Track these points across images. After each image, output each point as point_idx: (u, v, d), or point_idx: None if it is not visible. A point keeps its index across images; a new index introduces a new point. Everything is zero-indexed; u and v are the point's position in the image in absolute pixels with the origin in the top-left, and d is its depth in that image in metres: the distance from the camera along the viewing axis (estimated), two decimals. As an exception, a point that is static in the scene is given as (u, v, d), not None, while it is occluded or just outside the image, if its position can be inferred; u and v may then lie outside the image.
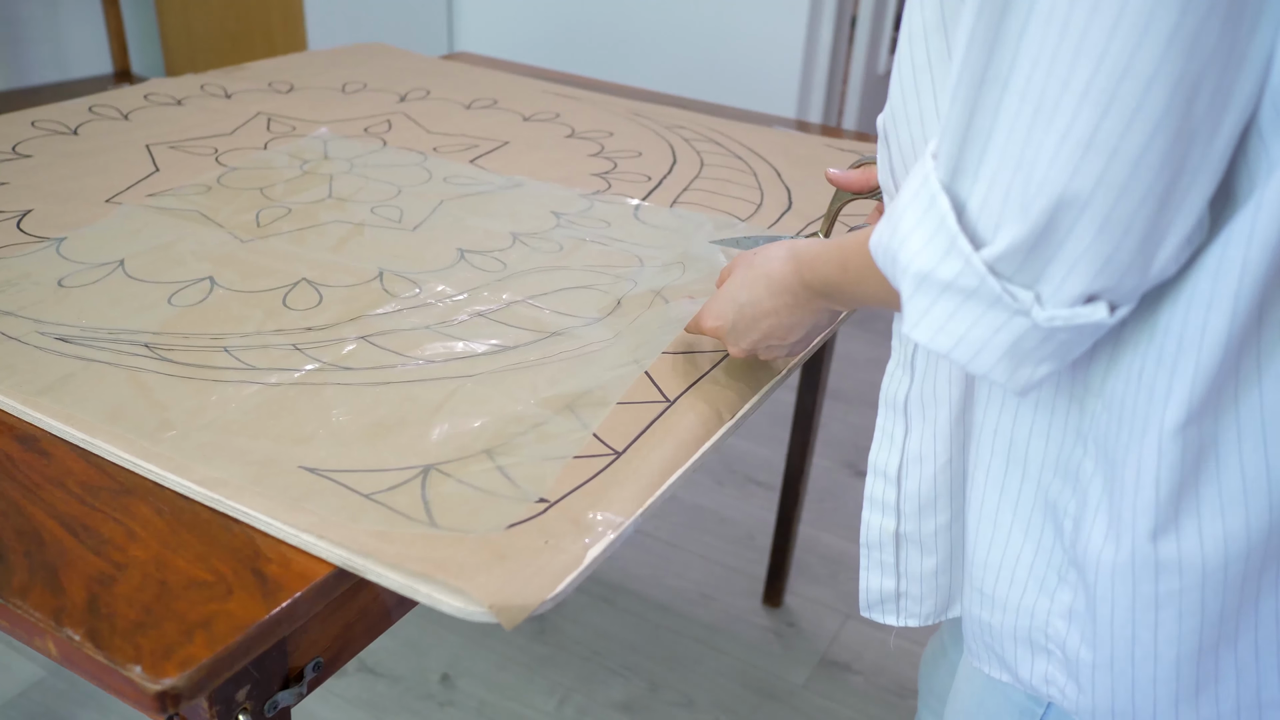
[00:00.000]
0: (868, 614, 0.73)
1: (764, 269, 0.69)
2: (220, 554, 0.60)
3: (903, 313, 0.52)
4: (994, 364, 0.49)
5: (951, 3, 0.55)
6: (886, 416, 0.69)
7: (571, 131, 1.31)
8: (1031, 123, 0.44)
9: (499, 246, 0.97)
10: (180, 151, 1.16)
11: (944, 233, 0.48)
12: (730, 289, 0.72)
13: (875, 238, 0.53)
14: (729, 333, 0.73)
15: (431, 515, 0.62)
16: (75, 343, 0.77)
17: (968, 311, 0.48)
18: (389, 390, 0.74)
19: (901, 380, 0.67)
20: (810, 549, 1.83)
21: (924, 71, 0.58)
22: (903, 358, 0.67)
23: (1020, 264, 0.46)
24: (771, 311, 0.69)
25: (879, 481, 0.70)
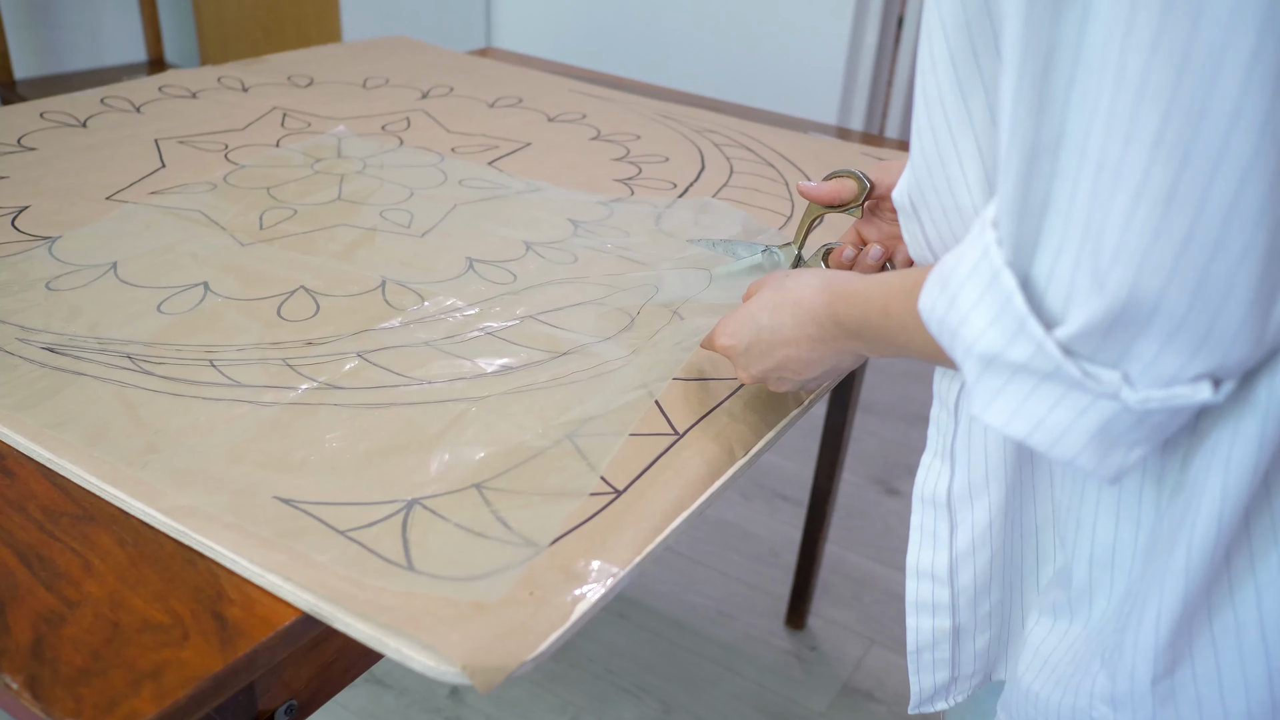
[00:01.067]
0: (919, 710, 0.67)
1: (793, 294, 0.64)
2: (180, 593, 0.56)
3: (969, 393, 0.46)
4: (1079, 450, 0.44)
5: (967, 68, 0.49)
6: (926, 515, 0.62)
7: (597, 134, 1.26)
8: (1094, 185, 0.39)
9: (511, 256, 0.93)
10: (189, 147, 1.12)
11: (1011, 314, 0.43)
12: (752, 309, 0.67)
13: (926, 302, 0.48)
14: (741, 354, 0.68)
15: (410, 558, 0.57)
16: (58, 352, 0.73)
17: (1046, 394, 0.43)
18: (385, 414, 0.69)
19: (941, 473, 0.61)
20: (836, 569, 1.77)
21: (945, 135, 0.52)
22: (940, 447, 0.61)
23: (1100, 343, 0.41)
24: (792, 341, 0.64)
25: (925, 584, 0.63)
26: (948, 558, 0.61)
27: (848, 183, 0.76)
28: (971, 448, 0.59)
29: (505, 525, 0.60)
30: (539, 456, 0.66)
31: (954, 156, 0.52)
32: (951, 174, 0.53)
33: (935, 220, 0.56)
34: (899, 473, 2.02)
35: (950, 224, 0.55)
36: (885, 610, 1.69)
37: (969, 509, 0.60)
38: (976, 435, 0.59)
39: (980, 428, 0.59)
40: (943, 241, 0.56)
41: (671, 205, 1.05)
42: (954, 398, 0.59)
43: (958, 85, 0.50)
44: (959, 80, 0.50)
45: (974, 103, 0.50)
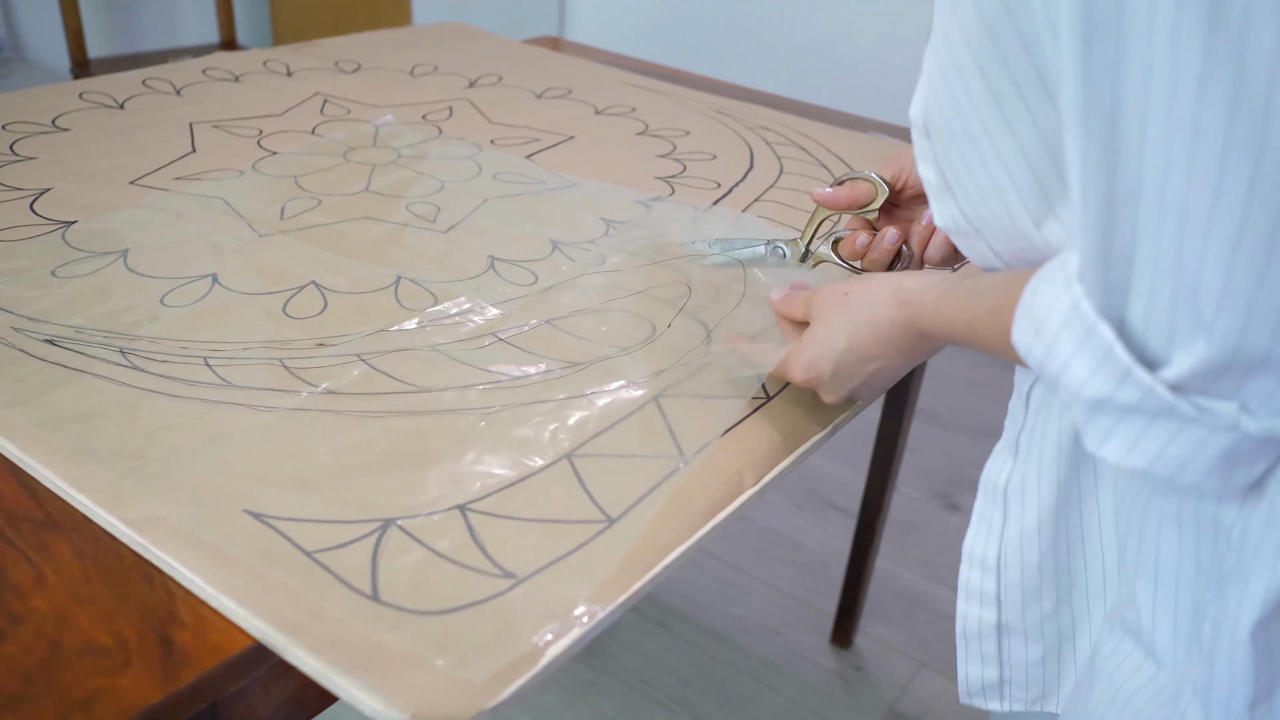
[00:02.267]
0: (968, 701, 0.67)
1: (866, 314, 0.62)
2: (130, 612, 0.52)
3: (1081, 430, 0.45)
4: (1203, 476, 0.43)
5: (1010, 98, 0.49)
6: (985, 502, 0.62)
7: (644, 128, 1.21)
8: (1180, 234, 0.38)
9: (534, 256, 0.88)
10: (223, 132, 1.09)
11: (1113, 363, 0.42)
12: (824, 335, 0.64)
13: (1022, 342, 0.47)
14: (828, 382, 0.66)
15: (376, 586, 0.53)
16: (57, 345, 0.71)
17: (1160, 429, 0.43)
18: (386, 426, 0.65)
19: (1005, 463, 0.61)
20: (887, 586, 1.70)
21: (991, 165, 0.51)
22: (1011, 437, 0.61)
23: (1212, 381, 0.41)
24: (880, 356, 0.63)
25: (976, 571, 0.63)
26: (997, 549, 0.62)
27: (863, 186, 0.75)
28: (1032, 443, 0.59)
29: (484, 552, 0.55)
30: (533, 478, 0.61)
31: (1007, 182, 0.51)
32: (1007, 200, 0.52)
33: (998, 237, 0.55)
34: (961, 487, 1.94)
35: (1014, 242, 0.54)
36: (938, 632, 1.62)
37: (1020, 504, 0.60)
38: (1038, 432, 0.59)
39: (1045, 425, 0.58)
40: (1012, 256, 0.55)
41: (710, 209, 0.99)
42: (1027, 387, 0.59)
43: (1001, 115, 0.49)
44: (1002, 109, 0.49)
45: (1019, 124, 0.49)
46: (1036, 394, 0.59)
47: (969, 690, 0.67)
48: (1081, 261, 0.43)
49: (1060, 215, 0.51)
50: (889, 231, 0.73)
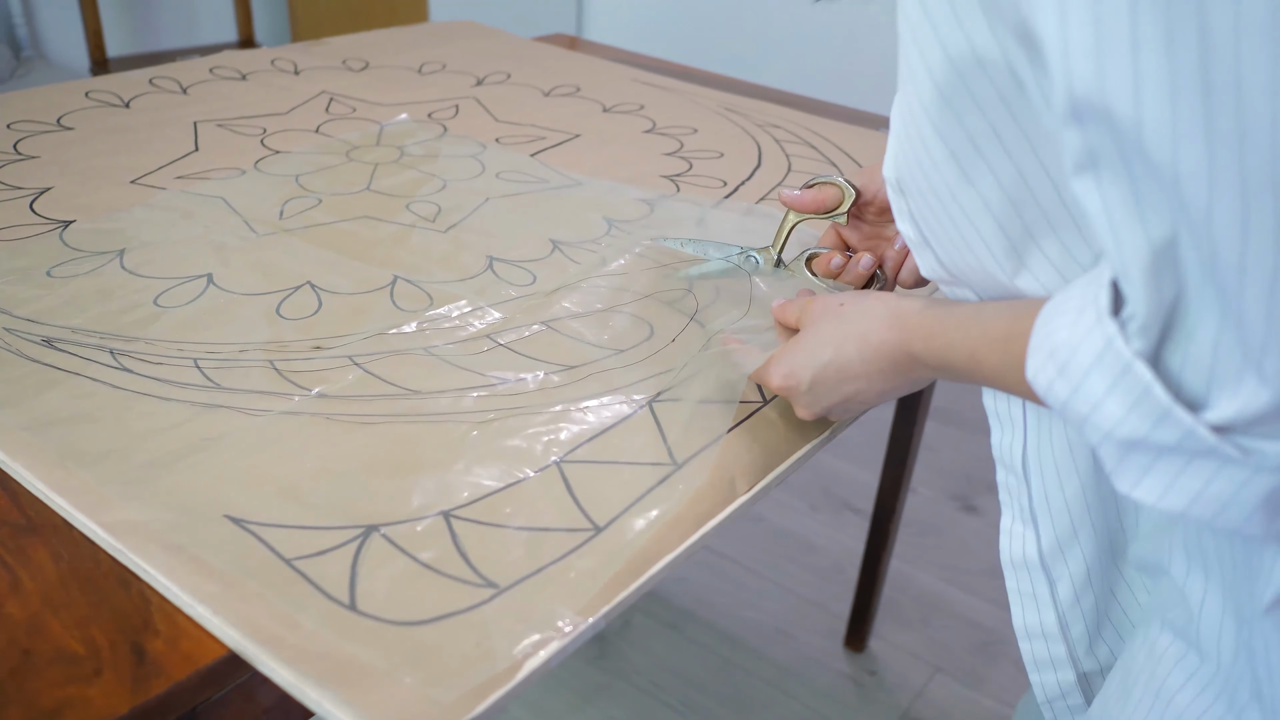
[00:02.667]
0: None
1: (858, 328, 0.60)
2: (104, 619, 0.51)
3: (1112, 471, 0.44)
4: (1246, 518, 0.42)
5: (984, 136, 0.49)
6: (1021, 579, 0.61)
7: (652, 126, 1.19)
8: (1218, 276, 0.37)
9: (533, 256, 0.87)
10: (227, 131, 1.09)
11: (1151, 403, 0.41)
12: (810, 344, 0.62)
13: (1041, 379, 0.45)
14: (803, 393, 0.63)
15: (354, 595, 0.52)
16: (52, 346, 0.70)
17: (1199, 470, 0.41)
18: (377, 432, 0.64)
19: (1026, 536, 0.60)
20: (903, 588, 1.68)
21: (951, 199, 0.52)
22: (1017, 510, 0.60)
23: (1261, 422, 0.39)
24: (861, 376, 0.60)
25: (1040, 644, 0.62)
26: (1055, 615, 0.61)
27: (831, 190, 0.75)
28: (1051, 506, 0.58)
29: (467, 561, 0.54)
30: (521, 485, 0.60)
31: (976, 237, 0.52)
32: (979, 254, 0.53)
33: (979, 287, 0.55)
34: (979, 489, 1.91)
35: (995, 291, 0.54)
36: (953, 636, 1.59)
37: (1064, 564, 0.59)
38: (1054, 492, 0.57)
39: (1055, 484, 0.57)
40: (960, 269, 0.55)
41: (717, 206, 0.98)
42: (1019, 461, 0.58)
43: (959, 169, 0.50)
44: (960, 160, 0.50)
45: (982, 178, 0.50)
46: (1033, 458, 0.58)
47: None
48: (1132, 308, 0.42)
49: (1032, 268, 0.52)
50: (864, 257, 0.74)
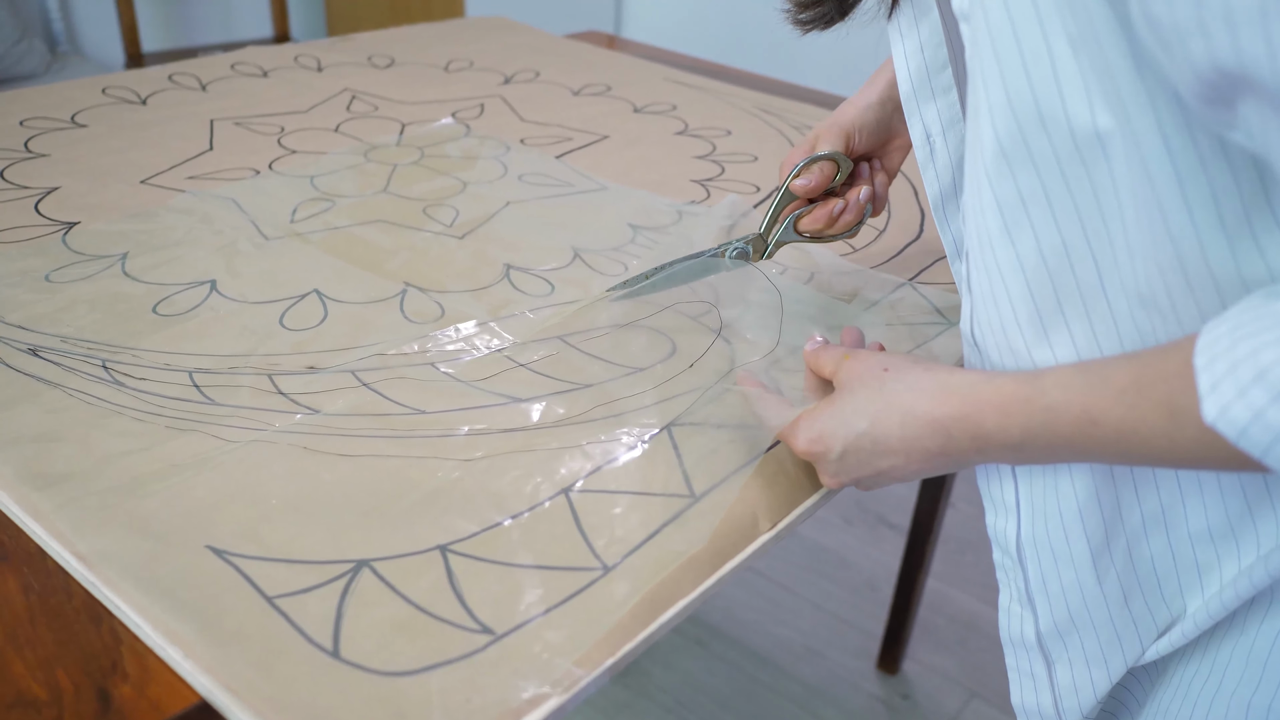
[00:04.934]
0: None
1: (901, 401, 0.52)
2: (71, 660, 0.47)
3: None
4: None
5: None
6: (1019, 656, 0.59)
7: (684, 127, 1.15)
8: None
9: (554, 264, 0.82)
10: (244, 129, 1.05)
11: None
12: (845, 411, 0.54)
13: (1232, 409, 0.38)
14: (831, 462, 0.55)
15: (338, 639, 0.47)
16: (39, 355, 0.67)
17: None
18: (363, 458, 0.60)
19: (1024, 618, 0.57)
20: (939, 608, 1.62)
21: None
22: (1015, 591, 0.57)
23: None
24: (900, 452, 0.52)
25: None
26: (1051, 696, 0.58)
27: (829, 165, 0.72)
28: (1049, 590, 0.55)
29: (462, 602, 0.50)
30: (526, 515, 0.55)
31: (1004, 294, 0.51)
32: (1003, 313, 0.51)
33: (993, 350, 0.54)
34: (1020, 505, 1.84)
35: (1005, 361, 0.53)
36: (991, 659, 1.53)
37: (1064, 647, 0.56)
38: (1051, 579, 0.54)
39: (1053, 571, 0.54)
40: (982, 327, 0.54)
41: (748, 214, 0.93)
42: (1013, 543, 0.55)
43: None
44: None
45: None
46: (1028, 543, 0.55)
47: None
48: None
49: (1054, 343, 0.49)
50: (862, 189, 0.72)
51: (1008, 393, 0.48)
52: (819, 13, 0.66)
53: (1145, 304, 0.46)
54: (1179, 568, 0.54)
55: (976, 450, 0.49)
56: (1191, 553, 0.53)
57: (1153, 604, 0.55)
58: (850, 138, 0.72)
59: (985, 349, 0.54)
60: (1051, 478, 0.53)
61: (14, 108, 1.06)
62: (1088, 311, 0.48)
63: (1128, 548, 0.54)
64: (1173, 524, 0.53)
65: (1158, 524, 0.53)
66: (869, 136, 0.73)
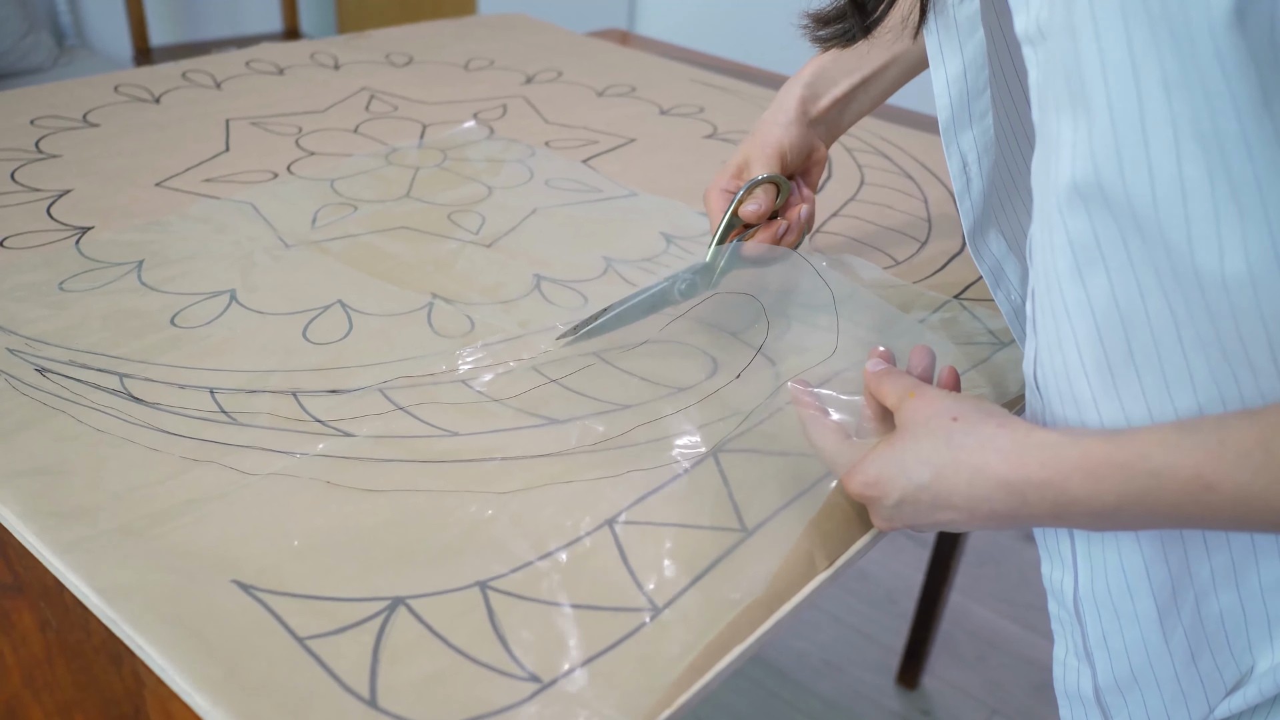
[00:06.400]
0: None
1: (971, 458, 0.48)
2: (91, 705, 0.44)
3: None
4: None
5: None
6: (1075, 710, 0.55)
7: (712, 131, 1.12)
8: None
9: (586, 275, 0.79)
10: (260, 129, 1.02)
11: None
12: (906, 458, 0.50)
13: None
14: (886, 509, 0.52)
15: (375, 687, 0.44)
16: (47, 373, 0.64)
17: None
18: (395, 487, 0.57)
19: (1081, 672, 0.53)
20: (959, 622, 1.59)
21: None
22: (1072, 645, 0.53)
23: None
24: (963, 509, 0.48)
25: None
26: None
27: (771, 188, 0.71)
28: (1110, 647, 0.51)
29: (505, 647, 0.47)
30: (569, 549, 0.52)
31: (1070, 338, 0.47)
32: (1068, 359, 0.47)
33: (1055, 400, 0.50)
34: (1041, 516, 1.81)
35: (1068, 414, 0.49)
36: (1012, 676, 1.51)
37: (1124, 703, 0.51)
38: (1113, 635, 0.50)
39: (1115, 628, 0.50)
40: (1045, 373, 0.50)
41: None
42: (1070, 598, 0.52)
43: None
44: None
45: None
46: (1086, 598, 0.51)
47: None
48: None
49: (1123, 396, 0.45)
50: (802, 208, 0.72)
51: (1098, 456, 0.43)
52: (840, 29, 0.64)
53: (1229, 359, 0.43)
54: (1249, 622, 0.51)
55: (1054, 516, 0.45)
56: (1263, 606, 0.50)
57: (1221, 661, 0.52)
58: (783, 156, 0.71)
59: (1048, 396, 0.50)
60: (1112, 533, 0.50)
61: (24, 106, 1.03)
62: (1161, 363, 0.44)
63: (1195, 604, 0.50)
64: (1243, 578, 0.50)
65: (1228, 578, 0.50)
66: (796, 155, 0.73)
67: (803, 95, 0.72)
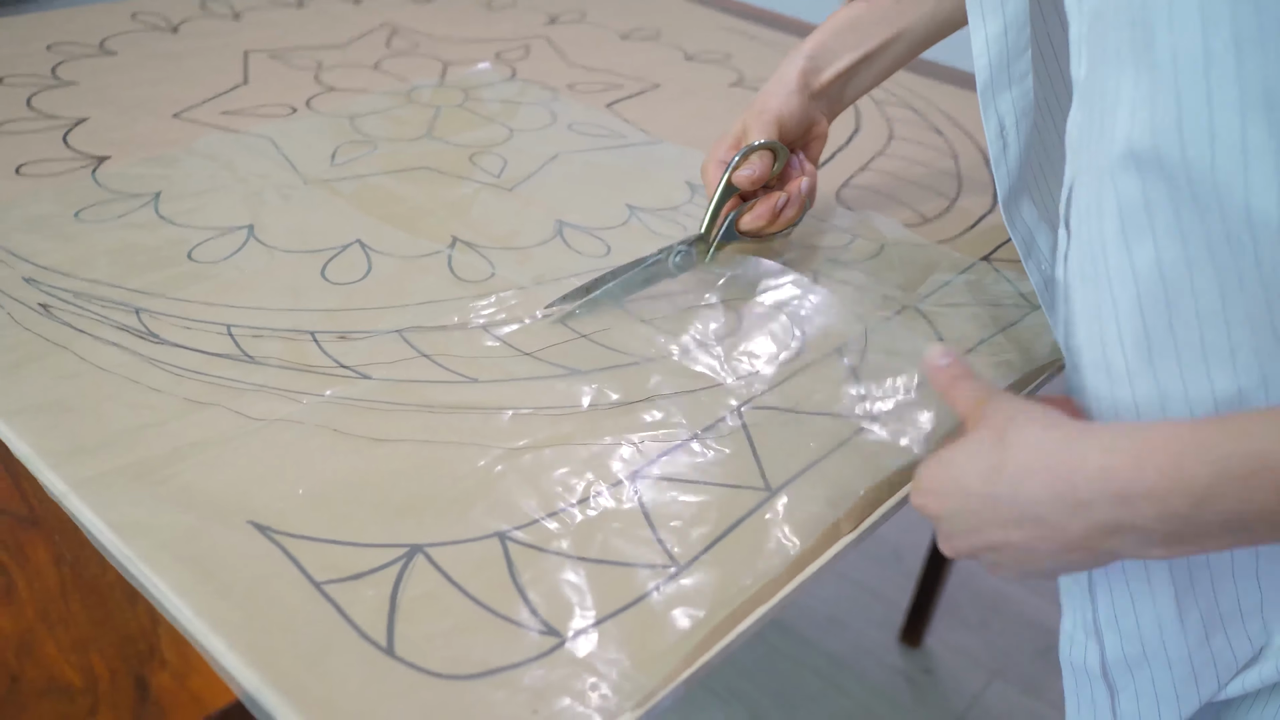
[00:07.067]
0: None
1: (1066, 474, 0.41)
2: (106, 641, 0.44)
3: None
4: None
5: None
6: (1080, 682, 0.55)
7: (738, 78, 1.09)
8: None
9: (609, 223, 0.78)
10: (279, 62, 1.01)
11: None
12: (983, 470, 0.44)
13: None
14: (955, 529, 0.46)
15: (392, 635, 0.44)
16: (59, 304, 0.63)
17: None
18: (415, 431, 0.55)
19: (1089, 647, 0.53)
20: (965, 584, 1.59)
21: None
22: (1080, 619, 0.53)
23: None
24: (1051, 539, 0.42)
25: None
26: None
27: (768, 155, 0.68)
28: (1122, 625, 0.50)
29: (524, 599, 0.46)
30: (591, 503, 0.52)
31: (1110, 308, 0.45)
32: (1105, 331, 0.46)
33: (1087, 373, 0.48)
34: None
35: (1088, 329, 0.47)
36: (1014, 640, 1.51)
37: (1131, 679, 0.51)
38: (1125, 613, 0.50)
39: (1127, 607, 0.49)
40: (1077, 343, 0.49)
41: (811, 174, 0.88)
42: (1084, 577, 0.51)
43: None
44: None
45: None
46: (1099, 577, 0.50)
47: None
48: None
49: (1158, 372, 0.43)
50: (802, 180, 0.69)
51: (1184, 436, 0.38)
52: None
53: (1278, 336, 0.41)
54: (1265, 600, 0.50)
55: (1114, 524, 0.39)
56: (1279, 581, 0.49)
57: (1235, 639, 0.51)
58: (781, 125, 0.69)
59: (1081, 365, 0.48)
60: None
61: (40, 30, 1.01)
62: (1203, 339, 0.42)
63: (1212, 583, 0.49)
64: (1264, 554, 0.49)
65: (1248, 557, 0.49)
66: (795, 126, 0.70)
67: (804, 68, 0.70)
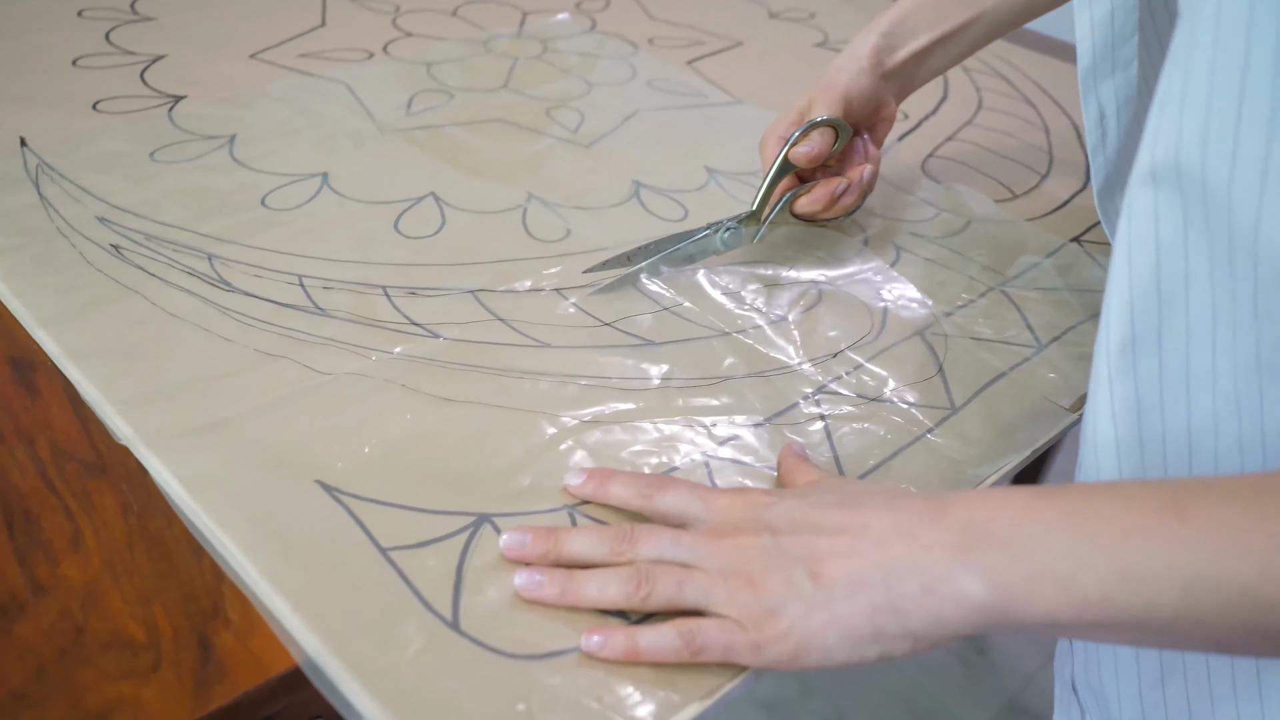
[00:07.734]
0: None
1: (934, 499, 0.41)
2: (170, 596, 0.44)
3: None
4: None
5: None
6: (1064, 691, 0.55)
7: (824, 39, 1.06)
8: None
9: (687, 186, 0.76)
10: (357, 5, 0.99)
11: None
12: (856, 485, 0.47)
13: None
14: (822, 499, 0.43)
15: (458, 608, 0.43)
16: (130, 247, 0.62)
17: None
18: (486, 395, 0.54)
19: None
20: (1022, 565, 1.57)
21: None
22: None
23: None
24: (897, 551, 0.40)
25: None
26: None
27: (829, 132, 0.65)
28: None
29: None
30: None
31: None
32: None
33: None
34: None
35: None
36: (1072, 624, 1.48)
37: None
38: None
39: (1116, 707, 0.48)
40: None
41: (893, 146, 0.85)
42: (1069, 678, 0.51)
43: None
44: None
45: None
46: (1081, 678, 0.50)
47: None
48: None
49: (1140, 380, 0.42)
50: (865, 168, 0.66)
51: (1034, 492, 0.39)
52: None
53: (1261, 367, 0.38)
54: None
55: (962, 545, 0.38)
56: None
57: None
58: (849, 103, 0.65)
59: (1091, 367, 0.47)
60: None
61: (121, -37, 1.00)
62: (1188, 357, 0.40)
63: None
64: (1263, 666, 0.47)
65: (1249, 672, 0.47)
66: (862, 105, 0.66)
67: (878, 45, 0.66)
